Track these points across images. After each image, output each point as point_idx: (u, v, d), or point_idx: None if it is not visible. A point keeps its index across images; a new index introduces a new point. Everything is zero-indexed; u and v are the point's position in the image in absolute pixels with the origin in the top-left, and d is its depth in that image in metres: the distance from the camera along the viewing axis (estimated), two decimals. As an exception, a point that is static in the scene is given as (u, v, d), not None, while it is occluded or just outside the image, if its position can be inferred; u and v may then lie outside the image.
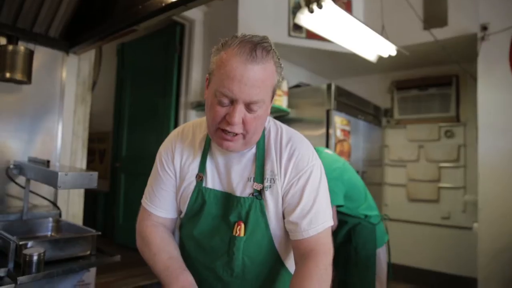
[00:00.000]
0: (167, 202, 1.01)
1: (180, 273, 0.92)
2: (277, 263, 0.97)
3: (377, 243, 2.24)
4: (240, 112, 0.83)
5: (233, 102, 0.83)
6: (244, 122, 0.85)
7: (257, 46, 0.82)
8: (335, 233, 2.24)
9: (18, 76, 1.84)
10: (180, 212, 1.03)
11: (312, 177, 0.91)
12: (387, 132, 4.40)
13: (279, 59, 0.89)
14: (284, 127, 1.00)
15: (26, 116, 2.05)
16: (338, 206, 2.12)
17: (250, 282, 0.96)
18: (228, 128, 0.85)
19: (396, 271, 2.47)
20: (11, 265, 1.33)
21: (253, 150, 0.94)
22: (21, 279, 1.25)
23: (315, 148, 0.98)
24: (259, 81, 0.82)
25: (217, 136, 0.88)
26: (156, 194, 1.01)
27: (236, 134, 0.86)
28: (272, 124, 1.00)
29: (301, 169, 0.91)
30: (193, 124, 1.05)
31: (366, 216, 2.21)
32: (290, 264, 0.98)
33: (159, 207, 1.01)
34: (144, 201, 1.04)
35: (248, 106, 0.84)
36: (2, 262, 1.34)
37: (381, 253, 2.28)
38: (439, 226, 3.96)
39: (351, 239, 2.19)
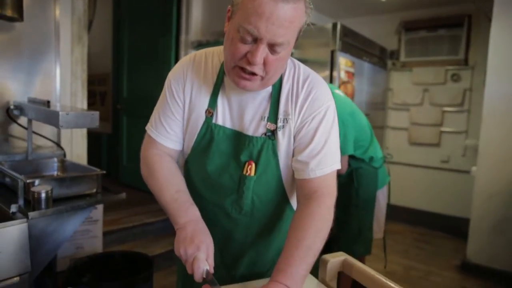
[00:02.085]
0: (174, 132, 0.97)
1: (188, 207, 0.92)
2: (284, 201, 0.99)
3: (377, 185, 2.29)
4: (262, 52, 0.78)
5: (256, 40, 0.78)
6: (265, 63, 0.80)
7: None
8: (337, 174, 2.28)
9: (9, 12, 1.76)
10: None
11: (326, 118, 0.89)
12: (392, 75, 4.31)
13: None
14: (301, 65, 0.96)
15: (22, 56, 2.00)
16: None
17: (257, 219, 0.98)
18: (248, 67, 0.80)
19: (393, 212, 2.55)
20: (21, 201, 1.38)
21: (269, 88, 0.91)
22: (32, 214, 1.30)
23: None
24: (288, 22, 0.76)
25: (234, 74, 0.84)
26: (163, 123, 0.97)
27: (255, 74, 0.82)
28: (289, 62, 0.95)
29: (316, 109, 0.89)
30: (205, 53, 0.98)
31: (370, 159, 2.23)
32: (294, 202, 0.99)
33: (165, 136, 0.97)
34: (150, 128, 1.00)
35: (272, 47, 0.79)
36: (13, 199, 1.39)
37: (381, 195, 2.34)
38: (438, 169, 4.04)
39: (353, 181, 2.24)
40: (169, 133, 0.97)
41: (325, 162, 0.88)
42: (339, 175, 2.32)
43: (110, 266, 1.97)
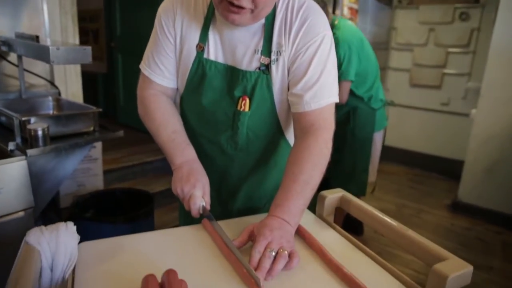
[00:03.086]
0: (167, 69, 0.95)
1: (184, 148, 0.93)
2: (279, 137, 0.98)
3: (375, 127, 2.29)
4: None
5: None
6: None
7: None
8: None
9: None
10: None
11: (322, 48, 0.84)
12: (397, 13, 4.12)
13: None
14: None
15: (5, -13, 1.87)
16: (350, 82, 2.10)
17: (253, 154, 0.98)
18: (234, 1, 0.75)
19: (389, 153, 2.58)
20: (18, 139, 1.37)
21: (262, 20, 0.86)
22: (30, 151, 1.30)
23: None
24: None
25: (222, 8, 0.79)
26: (156, 61, 0.94)
27: (243, 8, 0.77)
28: None
29: (311, 38, 0.84)
30: None
31: (369, 98, 2.20)
32: (290, 137, 0.99)
33: (159, 74, 0.95)
34: (143, 66, 0.98)
35: None
36: (10, 137, 1.38)
37: (377, 137, 2.35)
38: (437, 112, 4.02)
39: (350, 121, 2.23)
40: (162, 71, 0.95)
41: (321, 94, 0.85)
42: (336, 110, 2.30)
43: (112, 202, 2.03)
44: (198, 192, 0.84)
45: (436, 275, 0.61)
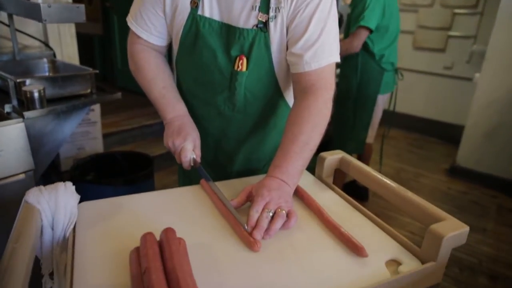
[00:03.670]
0: (155, 27, 0.92)
1: (175, 103, 0.93)
2: (278, 97, 0.96)
3: (381, 89, 2.26)
4: None
5: None
6: None
7: None
8: (343, 59, 2.24)
9: None
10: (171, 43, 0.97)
11: (322, 5, 0.81)
12: (404, -29, 3.95)
13: None
14: None
15: None
16: (369, 31, 2.05)
17: (251, 116, 0.96)
18: None
19: (388, 117, 2.57)
20: (15, 102, 1.35)
21: None
22: (27, 114, 1.28)
23: None
24: None
25: None
26: (144, 17, 0.91)
27: None
28: None
29: None
30: None
31: (381, 57, 2.16)
32: (290, 98, 0.97)
33: (147, 31, 0.93)
34: (130, 21, 0.94)
35: None
36: (6, 100, 1.36)
37: (381, 100, 2.33)
38: (440, 76, 3.96)
39: (356, 75, 2.20)
40: (150, 28, 0.92)
41: (321, 53, 0.82)
42: (344, 61, 2.27)
43: (112, 166, 2.05)
44: (188, 145, 0.86)
45: (432, 235, 0.61)
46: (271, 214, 0.69)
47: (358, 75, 2.19)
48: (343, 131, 2.39)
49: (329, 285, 0.57)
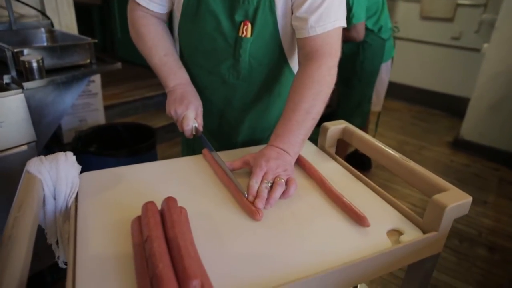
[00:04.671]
0: None
1: (177, 71, 0.92)
2: (283, 65, 0.93)
3: (383, 58, 2.23)
4: None
5: None
6: None
7: None
8: (343, 44, 2.21)
9: None
10: (172, 11, 0.95)
11: None
12: None
13: None
14: None
15: None
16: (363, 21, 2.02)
17: (255, 84, 0.94)
18: None
19: (393, 89, 2.53)
20: (13, 73, 1.33)
21: None
22: (26, 84, 1.27)
23: None
24: None
25: None
26: None
27: None
28: None
29: None
30: None
31: (380, 28, 2.11)
32: (295, 65, 0.95)
33: None
34: None
35: None
36: (4, 71, 1.34)
37: (384, 68, 2.30)
38: (447, 46, 3.86)
39: (359, 53, 2.16)
40: None
41: (326, 17, 0.79)
42: (344, 45, 2.22)
43: (114, 137, 2.04)
44: (190, 114, 0.86)
45: (435, 205, 0.61)
46: (270, 184, 0.68)
47: (360, 53, 2.15)
48: (348, 110, 2.36)
49: (330, 254, 0.57)
